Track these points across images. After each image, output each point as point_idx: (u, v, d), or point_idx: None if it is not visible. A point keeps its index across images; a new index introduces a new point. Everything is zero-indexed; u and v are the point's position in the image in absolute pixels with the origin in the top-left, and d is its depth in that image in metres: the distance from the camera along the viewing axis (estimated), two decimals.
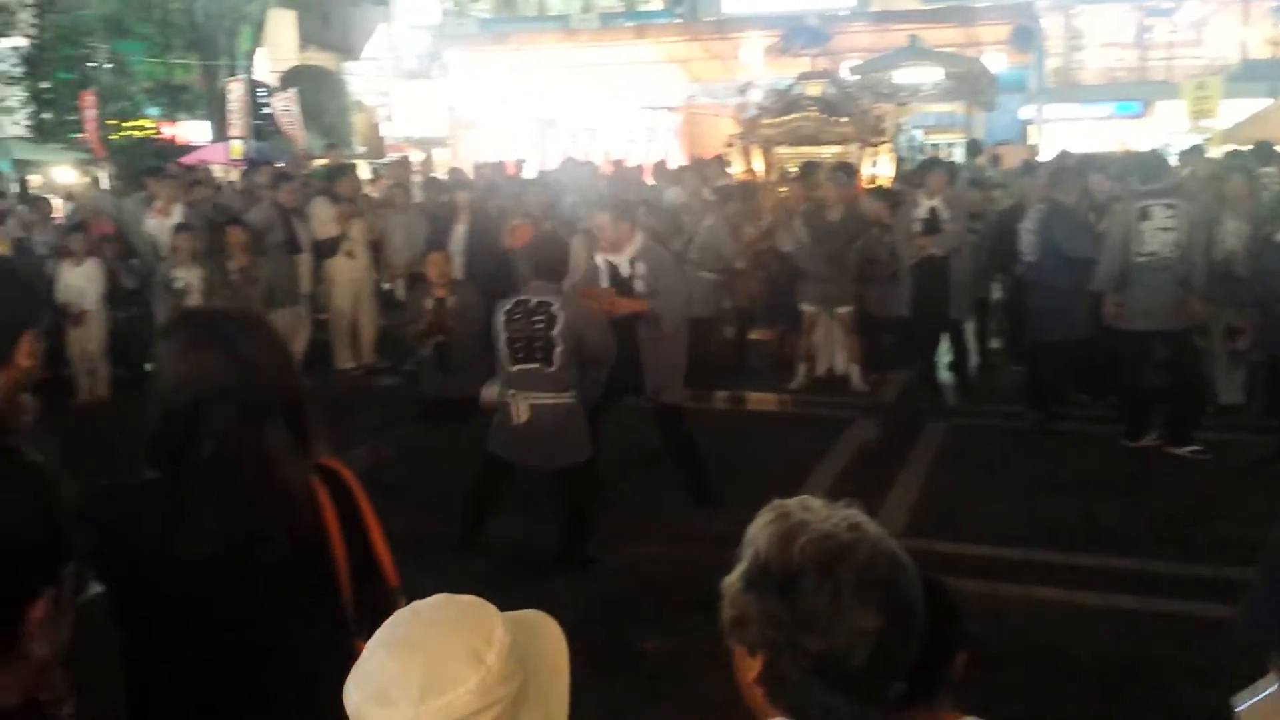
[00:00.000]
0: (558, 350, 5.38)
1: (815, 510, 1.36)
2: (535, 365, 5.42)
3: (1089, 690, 4.25)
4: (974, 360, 9.65)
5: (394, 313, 10.35)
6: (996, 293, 9.83)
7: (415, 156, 21.91)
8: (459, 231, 9.72)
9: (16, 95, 24.89)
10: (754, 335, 10.22)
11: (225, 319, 2.06)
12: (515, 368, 5.48)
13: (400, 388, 9.38)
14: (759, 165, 12.85)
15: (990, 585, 5.02)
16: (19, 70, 25.03)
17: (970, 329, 9.52)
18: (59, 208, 12.56)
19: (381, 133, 28.80)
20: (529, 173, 14.98)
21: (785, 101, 12.97)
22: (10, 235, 9.51)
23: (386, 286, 11.27)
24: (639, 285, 6.29)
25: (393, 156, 21.43)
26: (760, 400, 9.19)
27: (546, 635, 1.37)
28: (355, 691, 1.22)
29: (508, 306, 5.55)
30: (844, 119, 12.55)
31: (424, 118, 25.48)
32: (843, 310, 9.11)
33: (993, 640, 4.29)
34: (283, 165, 14.72)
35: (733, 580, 1.36)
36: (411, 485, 6.58)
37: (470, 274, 9.17)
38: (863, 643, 1.26)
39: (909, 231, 8.75)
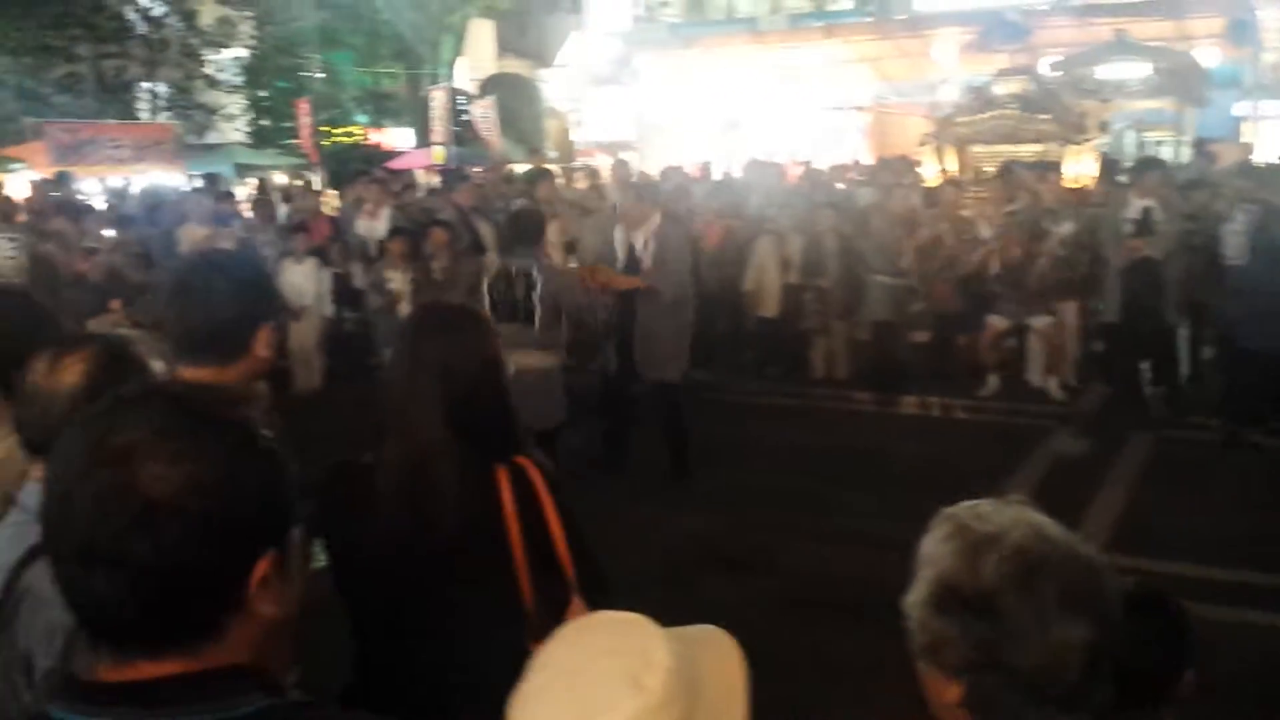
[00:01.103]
0: (538, 313, 5.76)
1: (991, 519, 1.31)
2: (517, 325, 5.77)
3: None
4: (1185, 369, 9.12)
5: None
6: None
7: (604, 161, 22.32)
8: None
9: (238, 103, 26.74)
10: (950, 340, 9.94)
11: (443, 316, 2.20)
12: (499, 326, 5.84)
13: (585, 385, 9.57)
14: (952, 165, 12.51)
15: (1198, 607, 4.74)
16: (240, 80, 26.89)
17: (1184, 336, 8.99)
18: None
19: (572, 137, 29.46)
20: (715, 175, 15.02)
21: (981, 99, 12.60)
22: (236, 235, 10.21)
23: None
24: (646, 262, 6.60)
25: (582, 161, 21.90)
26: (950, 407, 8.94)
27: (719, 653, 1.26)
28: (514, 714, 1.17)
29: (490, 275, 6.00)
30: (1044, 116, 12.08)
31: (613, 122, 25.92)
32: (1040, 320, 8.77)
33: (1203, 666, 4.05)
34: (478, 170, 15.30)
35: (917, 602, 1.32)
36: (588, 483, 6.71)
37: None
38: (1075, 655, 1.23)
39: (1118, 233, 8.36)
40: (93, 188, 16.71)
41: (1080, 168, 11.83)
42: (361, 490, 2.11)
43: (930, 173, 12.60)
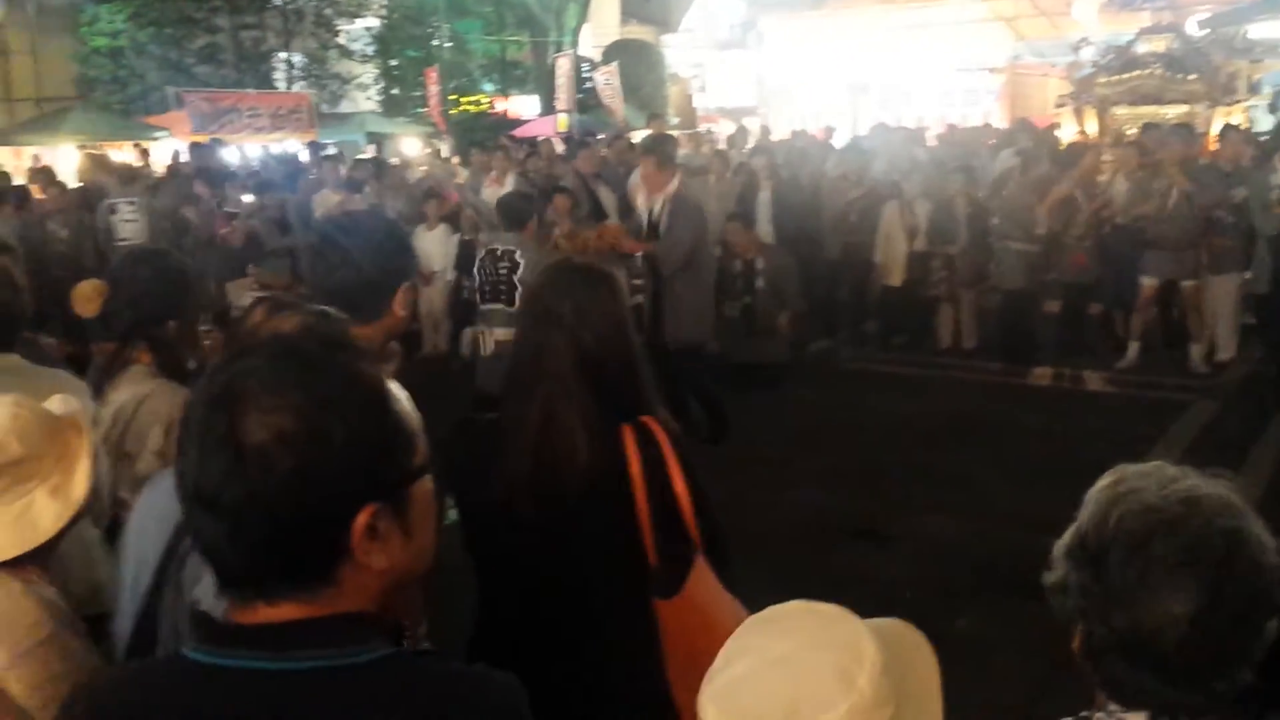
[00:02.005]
0: (518, 292, 5.86)
1: (1156, 478, 1.27)
2: (500, 305, 6.03)
3: None
4: None
5: None
6: None
7: (726, 127, 22.14)
8: (763, 198, 9.79)
9: (369, 72, 27.37)
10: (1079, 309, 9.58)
11: (575, 275, 2.22)
12: (485, 306, 6.19)
13: (706, 352, 9.54)
14: (1092, 127, 12.02)
15: None
16: (371, 49, 27.52)
17: None
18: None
19: (694, 103, 29.31)
20: (839, 140, 14.76)
21: (1124, 59, 12.09)
22: (367, 202, 10.47)
23: None
24: (662, 227, 6.63)
25: (703, 128, 21.76)
26: (1087, 379, 8.61)
27: (916, 650, 1.23)
28: (711, 706, 1.14)
29: (481, 255, 6.24)
30: (1191, 77, 11.52)
31: (736, 87, 25.68)
32: (1189, 283, 8.37)
33: None
34: (602, 137, 15.34)
35: (1059, 545, 1.32)
36: (711, 449, 6.70)
37: (779, 238, 9.20)
38: (1172, 625, 1.18)
39: (1265, 200, 7.90)
40: (231, 155, 17.36)
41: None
42: (487, 446, 2.14)
43: (1068, 135, 12.13)
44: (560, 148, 13.95)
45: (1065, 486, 1.40)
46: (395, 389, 1.18)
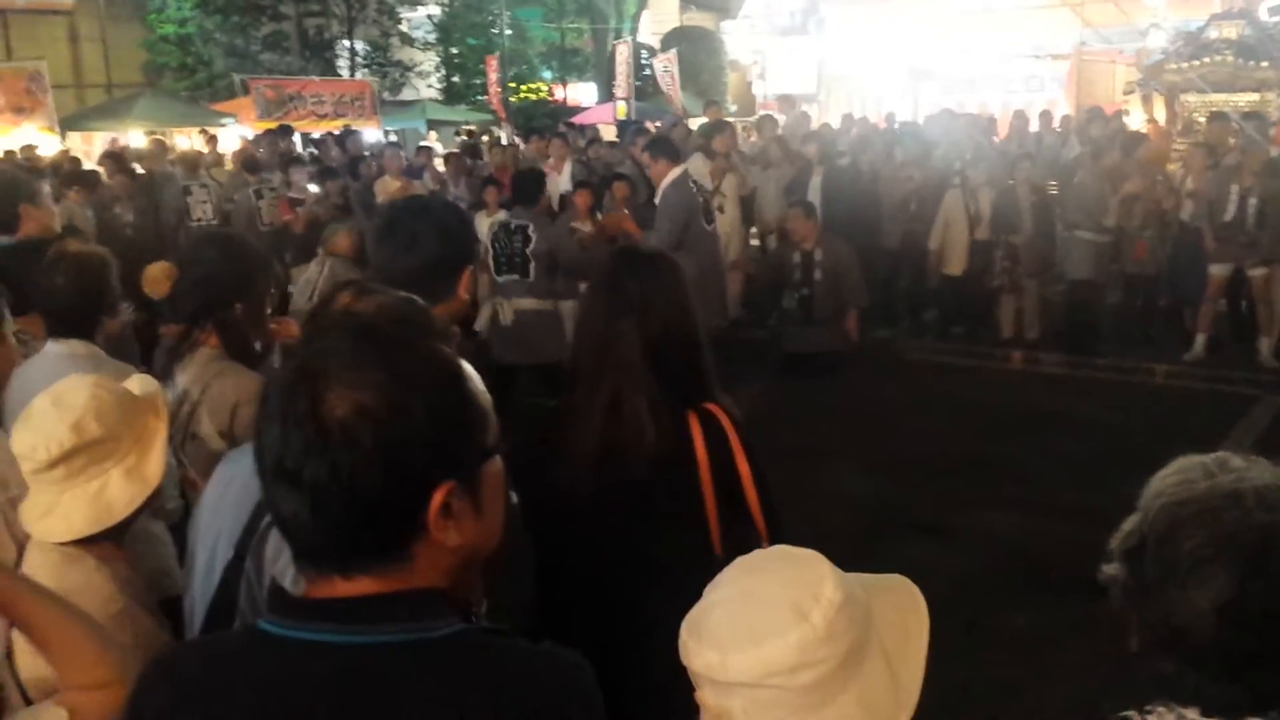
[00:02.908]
0: (533, 265, 6.41)
1: (1208, 469, 1.25)
2: (515, 276, 6.46)
3: None
4: None
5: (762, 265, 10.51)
6: None
7: (785, 114, 21.99)
8: (814, 184, 9.73)
9: (430, 60, 27.60)
10: (1145, 302, 9.38)
11: (642, 260, 2.22)
12: (502, 278, 6.54)
13: (763, 340, 9.53)
14: (1161, 115, 11.76)
15: None
16: (433, 37, 27.74)
17: None
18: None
19: (754, 90, 29.12)
20: (899, 125, 14.57)
21: (1195, 45, 11.77)
22: (427, 188, 10.57)
23: (755, 242, 11.48)
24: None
25: (762, 114, 21.62)
26: (1152, 372, 8.44)
27: (900, 601, 1.29)
28: (684, 625, 1.23)
29: (494, 229, 6.62)
30: (1263, 64, 11.18)
31: (796, 74, 25.46)
32: (1257, 273, 8.16)
33: None
34: (658, 124, 15.31)
35: (1114, 538, 1.32)
36: (769, 439, 6.68)
37: (829, 225, 9.12)
38: (1199, 619, 1.16)
39: None
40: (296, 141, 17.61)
41: None
42: (552, 431, 2.15)
43: (1137, 122, 11.88)
44: (612, 134, 13.96)
45: (1129, 481, 1.38)
46: (468, 369, 1.20)
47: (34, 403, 1.91)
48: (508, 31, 25.60)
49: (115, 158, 11.18)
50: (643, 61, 23.88)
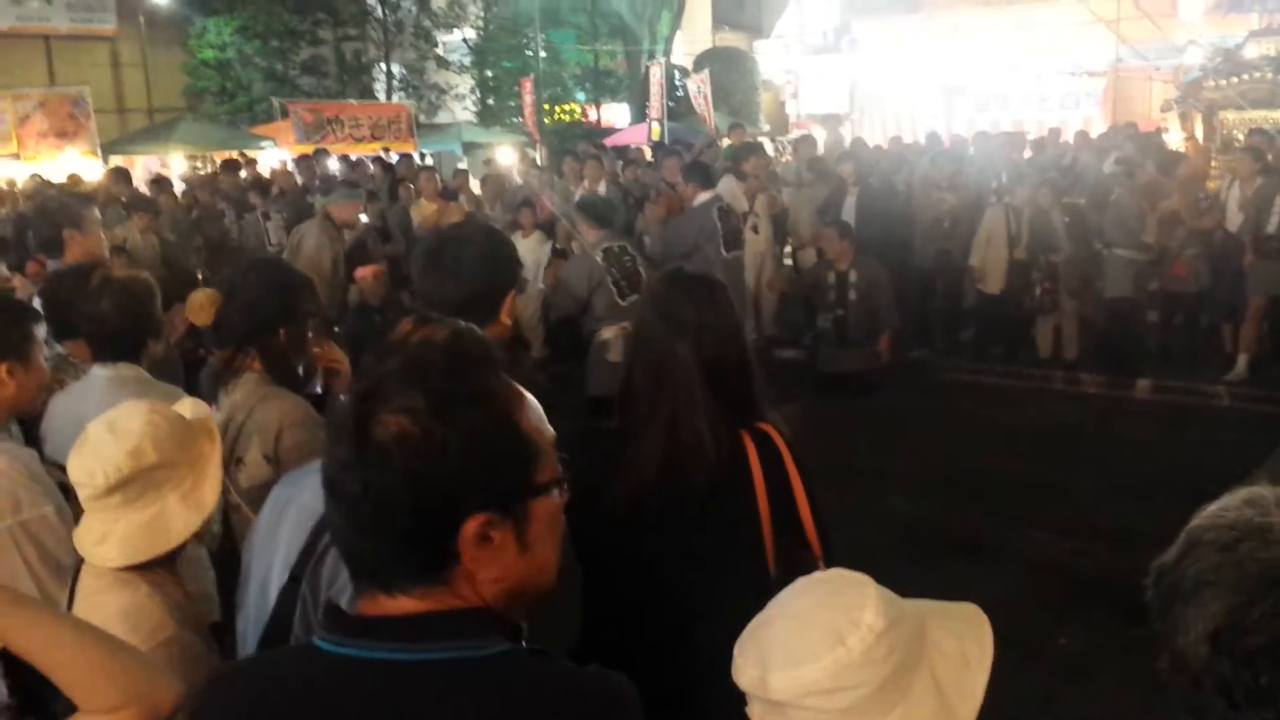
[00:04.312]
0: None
1: (1254, 503, 1.21)
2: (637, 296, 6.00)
3: None
4: None
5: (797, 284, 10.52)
6: None
7: (818, 133, 22.02)
8: (849, 204, 9.72)
9: (466, 83, 27.86)
10: (1185, 321, 9.26)
11: (696, 284, 2.24)
12: (626, 301, 6.01)
13: (798, 360, 9.51)
14: (1199, 132, 11.66)
15: None
16: (468, 60, 28.00)
17: None
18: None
19: (786, 110, 29.16)
20: (936, 144, 14.55)
21: (1233, 62, 11.69)
22: (463, 210, 10.65)
23: (789, 261, 11.49)
24: None
25: (795, 134, 21.64)
26: (1193, 392, 8.33)
27: (963, 628, 1.29)
28: (737, 643, 1.26)
29: (605, 252, 6.19)
30: None
31: (829, 93, 25.47)
32: None
33: None
34: (692, 144, 15.38)
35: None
36: (805, 459, 6.66)
37: (864, 244, 9.10)
38: (1194, 646, 1.14)
39: None
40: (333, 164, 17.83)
41: None
42: (605, 454, 2.14)
43: (1175, 140, 11.78)
44: (647, 155, 14.03)
45: (1171, 502, 1.37)
46: (531, 402, 1.22)
47: (89, 429, 1.93)
48: (542, 54, 25.80)
49: (161, 183, 11.40)
50: (676, 82, 23.96)
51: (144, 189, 11.85)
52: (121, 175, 12.02)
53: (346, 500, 1.13)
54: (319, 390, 2.78)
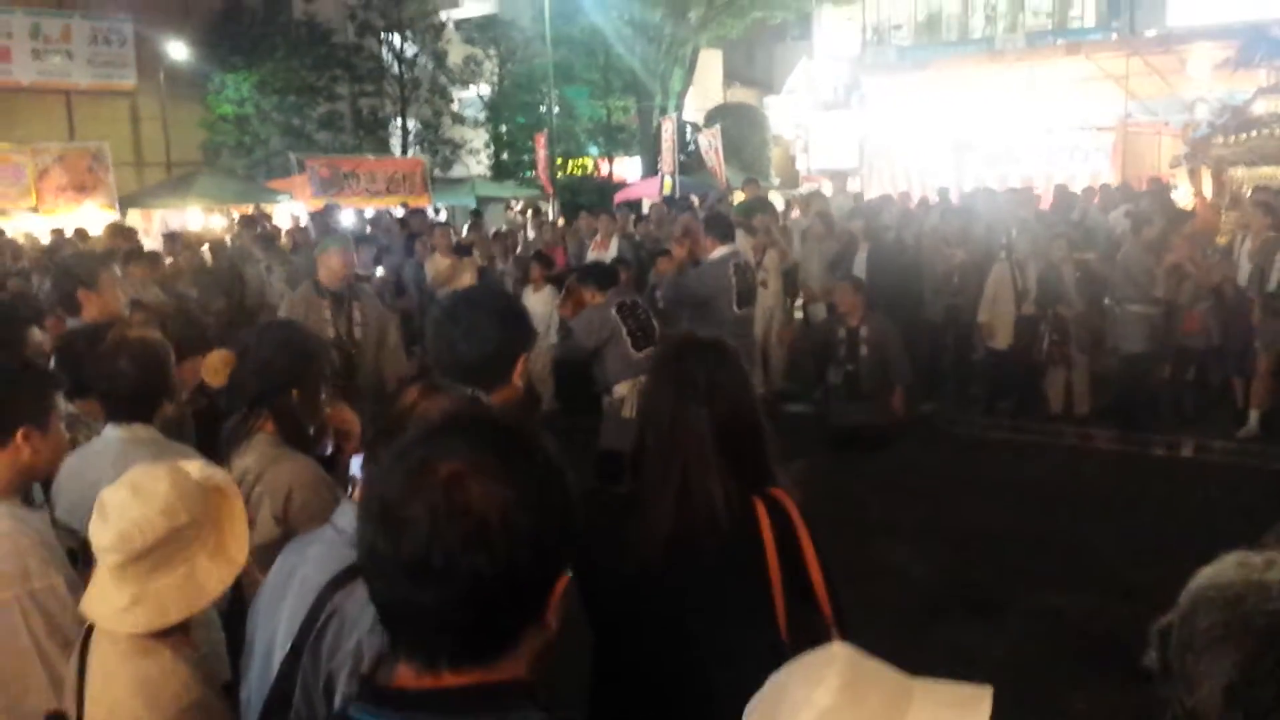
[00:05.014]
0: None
1: (1254, 563, 1.24)
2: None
3: None
4: None
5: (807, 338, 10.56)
6: None
7: (828, 188, 22.18)
8: (859, 259, 9.78)
9: (480, 138, 28.21)
10: (1197, 376, 9.24)
11: (708, 348, 2.26)
12: (641, 353, 6.17)
13: (807, 414, 9.50)
14: (1208, 188, 11.72)
15: None
16: (483, 115, 28.39)
17: None
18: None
19: (796, 165, 29.39)
20: (944, 199, 14.65)
21: (1241, 119, 11.77)
22: (476, 264, 10.75)
23: (799, 315, 11.54)
24: None
25: (807, 187, 21.81)
26: (1206, 448, 8.30)
27: (951, 715, 1.23)
28: (745, 711, 1.25)
29: (619, 308, 6.34)
30: None
31: (839, 148, 25.67)
32: None
33: None
34: (702, 197, 15.52)
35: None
36: (817, 513, 6.64)
37: (872, 300, 9.14)
38: (1208, 702, 1.14)
39: None
40: (348, 218, 18.02)
41: None
42: (615, 517, 2.15)
43: (1183, 195, 11.84)
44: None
45: (1184, 561, 1.38)
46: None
47: (107, 497, 1.91)
48: (555, 109, 26.13)
49: (174, 237, 11.53)
50: (687, 137, 24.21)
51: (158, 243, 11.98)
52: (119, 229, 12.02)
53: (469, 579, 1.10)
54: (329, 451, 2.81)
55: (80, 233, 13.77)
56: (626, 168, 28.87)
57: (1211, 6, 22.87)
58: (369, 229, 14.32)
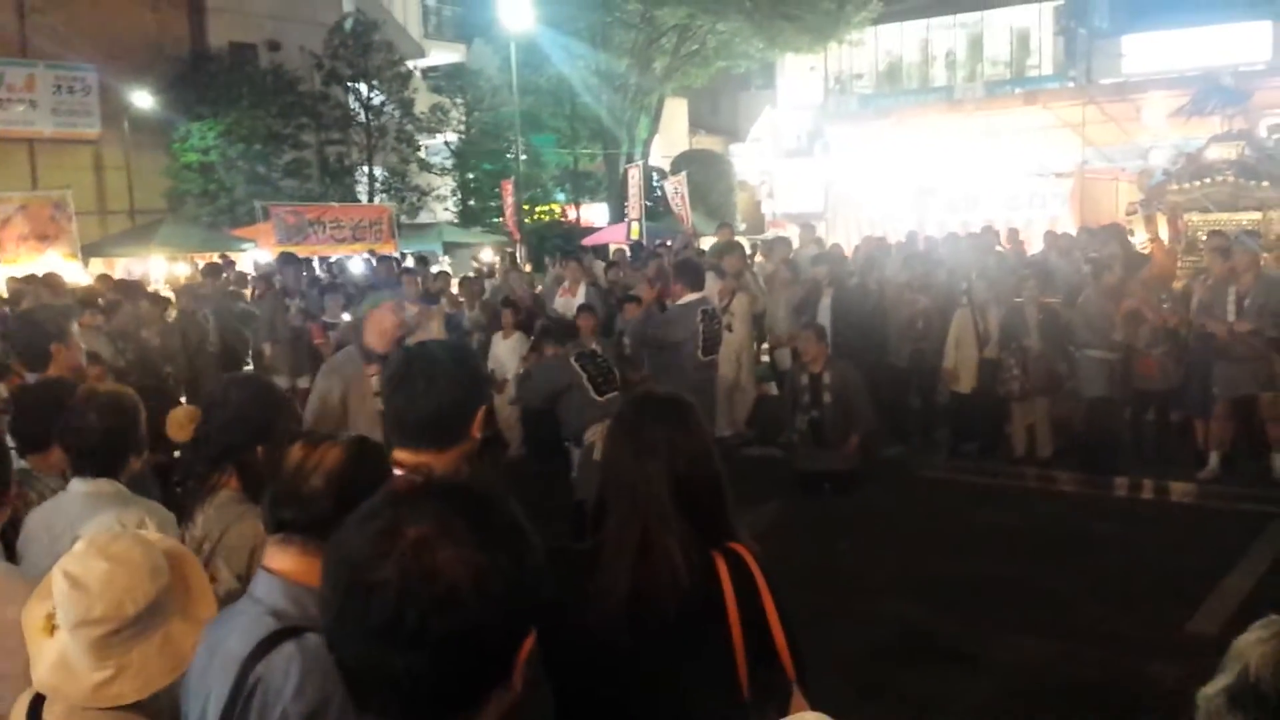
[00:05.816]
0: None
1: None
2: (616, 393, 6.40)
3: None
4: None
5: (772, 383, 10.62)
6: None
7: (793, 232, 22.42)
8: (824, 305, 9.88)
9: (447, 184, 28.29)
10: (1157, 418, 9.37)
11: (667, 405, 2.27)
12: (604, 397, 6.38)
13: (772, 459, 9.53)
14: (1164, 233, 11.94)
15: None
16: (450, 163, 28.49)
17: None
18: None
19: (762, 210, 29.71)
20: (906, 244, 14.82)
21: (1196, 166, 12.02)
22: (444, 311, 10.75)
23: (766, 359, 11.60)
24: None
25: (771, 233, 22.02)
26: (1167, 490, 8.41)
27: None
28: None
29: (578, 357, 6.58)
30: (1264, 183, 11.41)
31: (803, 193, 26.00)
32: (1267, 394, 8.19)
33: None
34: (669, 243, 15.63)
35: (1212, 694, 1.33)
36: (784, 558, 6.65)
37: (840, 344, 9.21)
38: None
39: None
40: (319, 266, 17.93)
41: None
42: (577, 575, 2.15)
43: (1140, 241, 12.07)
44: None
45: (1151, 602, 1.41)
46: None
47: (76, 571, 1.84)
48: (523, 156, 26.28)
49: (127, 286, 11.45)
50: (654, 183, 24.41)
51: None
52: (51, 280, 11.80)
53: (438, 644, 1.10)
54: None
55: (51, 279, 13.57)
56: (594, 213, 29.04)
57: (1166, 56, 23.53)
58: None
